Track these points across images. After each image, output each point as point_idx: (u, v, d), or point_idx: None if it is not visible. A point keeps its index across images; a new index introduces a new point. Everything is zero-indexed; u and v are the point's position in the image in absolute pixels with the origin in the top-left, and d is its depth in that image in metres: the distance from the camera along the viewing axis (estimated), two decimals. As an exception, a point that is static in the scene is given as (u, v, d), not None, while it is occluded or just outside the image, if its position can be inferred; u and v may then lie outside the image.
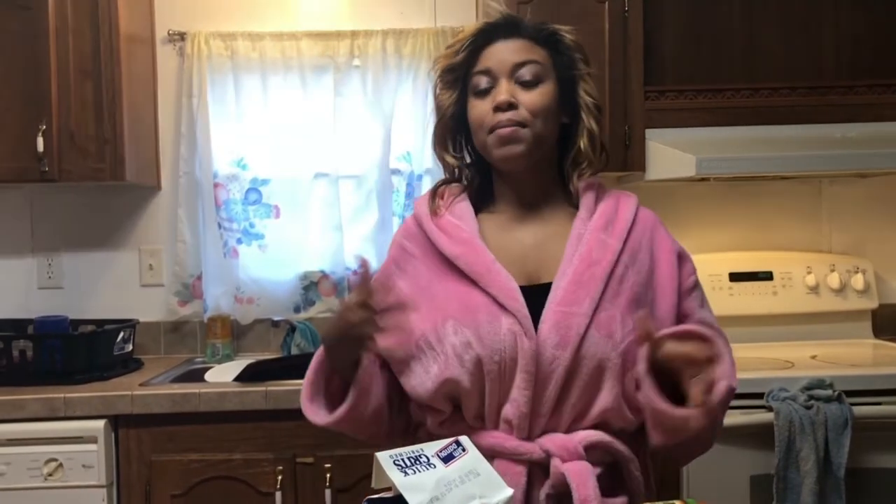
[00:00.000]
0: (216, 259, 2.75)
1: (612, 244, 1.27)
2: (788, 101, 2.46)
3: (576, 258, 1.26)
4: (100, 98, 2.46)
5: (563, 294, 1.23)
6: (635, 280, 1.26)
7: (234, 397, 2.22)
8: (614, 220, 1.30)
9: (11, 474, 2.16)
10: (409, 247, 1.36)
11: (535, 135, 1.28)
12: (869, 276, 2.68)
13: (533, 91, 1.28)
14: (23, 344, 2.40)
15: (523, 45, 1.30)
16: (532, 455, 1.20)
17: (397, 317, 1.21)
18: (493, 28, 1.32)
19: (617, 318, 1.22)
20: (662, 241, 1.34)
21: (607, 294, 1.23)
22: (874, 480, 2.10)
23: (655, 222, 1.36)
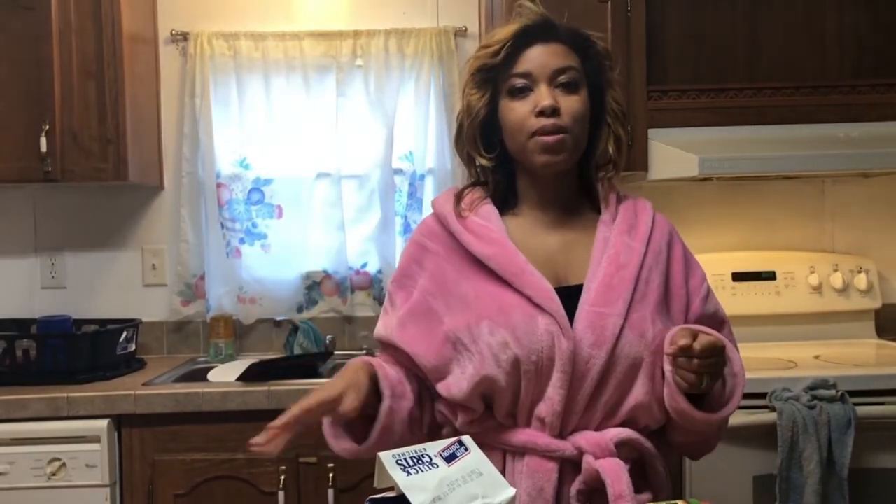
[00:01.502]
0: (219, 259, 2.75)
1: (636, 247, 1.30)
2: (791, 101, 2.46)
3: (604, 261, 1.28)
4: (103, 98, 2.47)
5: (595, 295, 1.25)
6: (659, 282, 1.30)
7: (237, 397, 2.22)
8: (636, 225, 1.33)
9: (15, 474, 2.16)
10: (430, 245, 1.36)
11: (575, 141, 1.30)
12: (872, 275, 2.68)
13: (573, 97, 1.29)
14: (26, 344, 2.40)
15: (561, 50, 1.30)
16: (564, 452, 1.23)
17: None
18: (531, 30, 1.30)
19: (648, 318, 1.25)
20: (676, 247, 1.37)
21: (636, 295, 1.26)
22: (877, 480, 2.10)
23: (672, 228, 1.39)
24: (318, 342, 2.73)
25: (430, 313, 1.31)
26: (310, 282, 2.84)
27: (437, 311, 1.30)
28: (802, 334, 2.62)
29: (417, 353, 1.29)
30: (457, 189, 1.41)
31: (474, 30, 2.80)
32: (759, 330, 2.62)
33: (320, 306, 2.84)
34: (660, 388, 1.24)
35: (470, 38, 2.81)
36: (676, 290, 1.33)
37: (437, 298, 1.31)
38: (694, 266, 1.38)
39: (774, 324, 2.63)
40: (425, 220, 1.42)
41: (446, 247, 1.34)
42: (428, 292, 1.32)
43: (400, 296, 1.37)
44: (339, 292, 2.83)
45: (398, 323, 1.33)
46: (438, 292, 1.32)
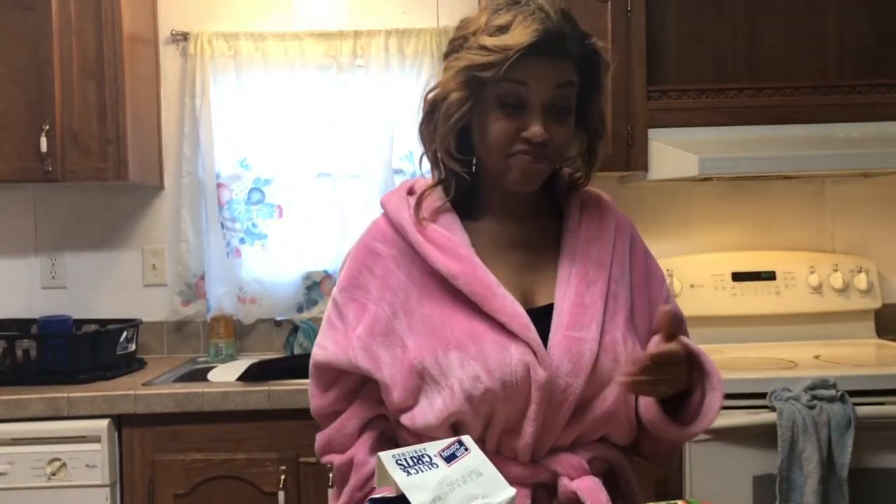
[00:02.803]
0: (219, 259, 2.75)
1: (603, 260, 1.22)
2: (791, 101, 2.46)
3: (573, 278, 1.20)
4: (103, 98, 2.47)
5: (569, 318, 1.17)
6: (626, 295, 1.23)
7: (237, 397, 2.22)
8: (601, 232, 1.25)
9: (15, 474, 2.16)
10: (382, 250, 1.24)
11: (552, 166, 1.21)
12: (872, 275, 2.68)
13: (564, 124, 1.17)
14: (26, 344, 2.41)
15: (567, 65, 1.16)
16: (538, 478, 1.16)
17: None
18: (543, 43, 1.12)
19: (619, 339, 1.19)
20: (637, 251, 1.30)
21: (608, 314, 1.19)
22: (877, 480, 2.10)
23: (632, 229, 1.31)
24: (318, 342, 2.72)
25: (391, 335, 1.19)
26: (310, 282, 2.84)
27: (398, 333, 1.19)
28: (802, 334, 2.62)
29: (389, 387, 1.18)
30: (409, 187, 1.28)
31: (474, 30, 2.79)
32: (759, 330, 2.62)
33: (320, 306, 2.84)
34: (632, 405, 1.20)
35: (470, 38, 2.81)
36: (639, 298, 1.26)
37: (398, 316, 1.20)
38: (654, 269, 1.30)
39: (774, 324, 2.63)
40: (376, 221, 1.29)
41: (403, 254, 1.22)
42: (387, 306, 1.20)
43: (352, 308, 1.23)
44: (339, 292, 2.83)
45: (361, 345, 1.20)
46: (400, 308, 1.20)
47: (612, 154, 2.34)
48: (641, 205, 2.74)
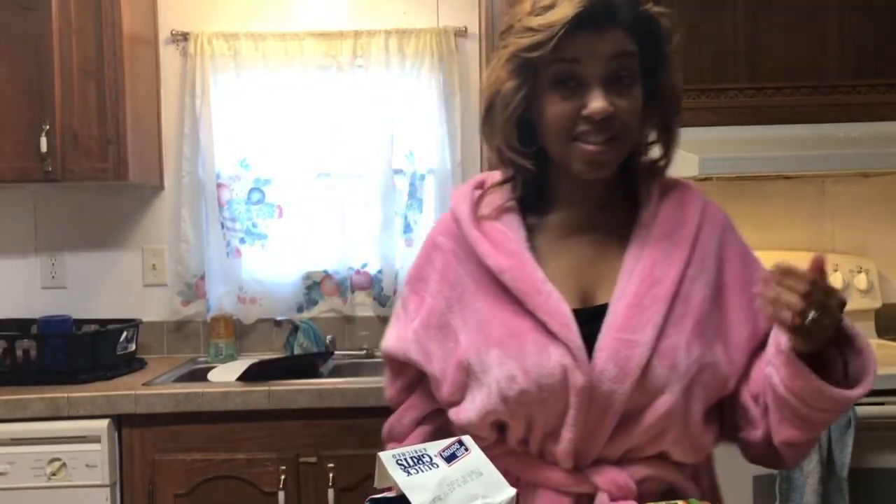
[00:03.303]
0: (219, 259, 2.75)
1: (677, 255, 1.11)
2: (791, 101, 2.46)
3: (636, 275, 1.10)
4: (103, 98, 2.47)
5: (622, 319, 1.08)
6: (703, 296, 1.11)
7: (237, 397, 2.22)
8: (680, 225, 1.13)
9: (15, 474, 2.16)
10: (443, 243, 1.21)
11: (625, 148, 1.11)
12: (872, 275, 2.67)
13: (628, 96, 1.08)
14: (26, 344, 2.41)
15: (621, 35, 1.07)
16: (579, 488, 1.09)
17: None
18: (587, 14, 1.04)
19: (682, 344, 1.07)
20: (731, 246, 1.16)
21: (672, 317, 1.08)
22: (877, 480, 2.10)
23: (725, 222, 1.18)
24: (318, 342, 2.73)
25: (446, 329, 1.17)
26: (310, 282, 2.84)
27: (453, 328, 1.16)
28: (803, 334, 2.62)
29: (439, 381, 1.17)
30: (480, 181, 1.23)
31: (474, 30, 2.80)
32: (759, 330, 2.62)
33: (320, 306, 2.85)
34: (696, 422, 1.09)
35: (470, 38, 2.81)
36: (735, 300, 1.13)
37: (453, 310, 1.17)
38: (755, 266, 1.16)
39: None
40: (443, 216, 1.26)
41: (462, 248, 1.18)
42: (443, 300, 1.18)
43: (412, 301, 1.23)
44: (339, 292, 2.83)
45: (415, 337, 1.20)
46: (456, 302, 1.17)
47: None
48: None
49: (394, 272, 2.79)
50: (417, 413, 1.26)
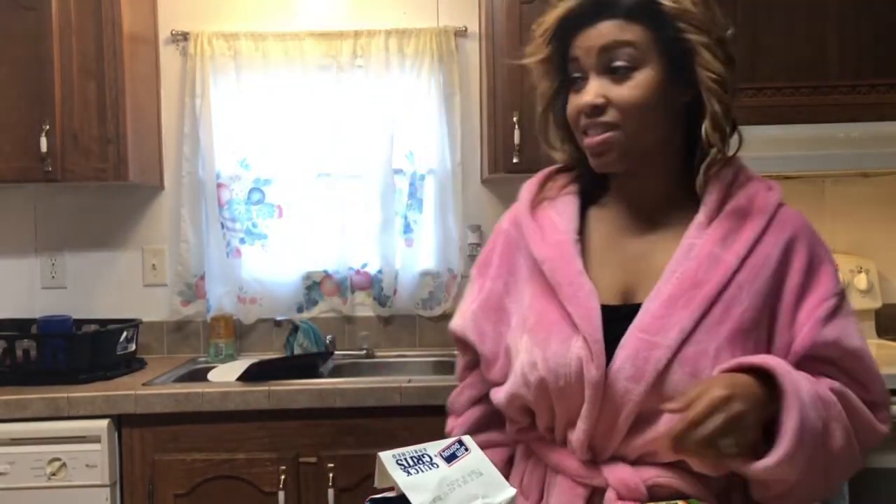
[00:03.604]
0: (219, 259, 2.75)
1: (727, 260, 1.07)
2: (791, 101, 2.46)
3: (676, 276, 1.08)
4: (103, 98, 2.47)
5: (650, 319, 1.07)
6: (750, 304, 1.06)
7: (237, 397, 2.22)
8: (740, 228, 1.10)
9: (15, 474, 2.16)
10: (506, 227, 1.26)
11: (631, 135, 1.09)
12: (872, 275, 2.68)
13: (625, 83, 1.08)
14: (26, 344, 2.40)
15: (613, 27, 1.08)
16: (592, 481, 1.10)
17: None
18: (579, 12, 1.10)
19: (710, 352, 1.04)
20: (797, 257, 1.10)
21: (707, 322, 1.05)
22: (877, 480, 2.10)
23: (799, 228, 1.12)
24: (318, 342, 2.73)
25: (500, 311, 1.21)
26: (310, 282, 2.84)
27: (508, 311, 1.20)
28: (802, 334, 2.62)
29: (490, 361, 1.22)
30: (549, 171, 1.25)
31: (474, 30, 2.80)
32: (759, 330, 2.61)
33: (320, 306, 2.85)
34: None
35: (470, 38, 2.81)
36: (784, 311, 1.08)
37: (510, 294, 1.20)
38: (818, 280, 1.09)
39: (774, 324, 2.63)
40: (513, 206, 1.28)
41: (521, 234, 1.21)
42: (502, 283, 1.22)
43: (477, 283, 1.26)
44: (339, 292, 2.83)
45: (472, 318, 1.23)
46: (513, 286, 1.20)
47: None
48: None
49: (394, 272, 2.79)
50: (474, 392, 1.30)
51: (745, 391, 0.97)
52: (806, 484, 1.02)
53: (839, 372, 1.08)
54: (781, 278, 1.09)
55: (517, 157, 2.44)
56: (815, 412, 0.99)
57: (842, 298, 1.10)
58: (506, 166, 2.48)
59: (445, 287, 2.81)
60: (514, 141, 2.44)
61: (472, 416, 1.30)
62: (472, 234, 2.82)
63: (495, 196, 2.85)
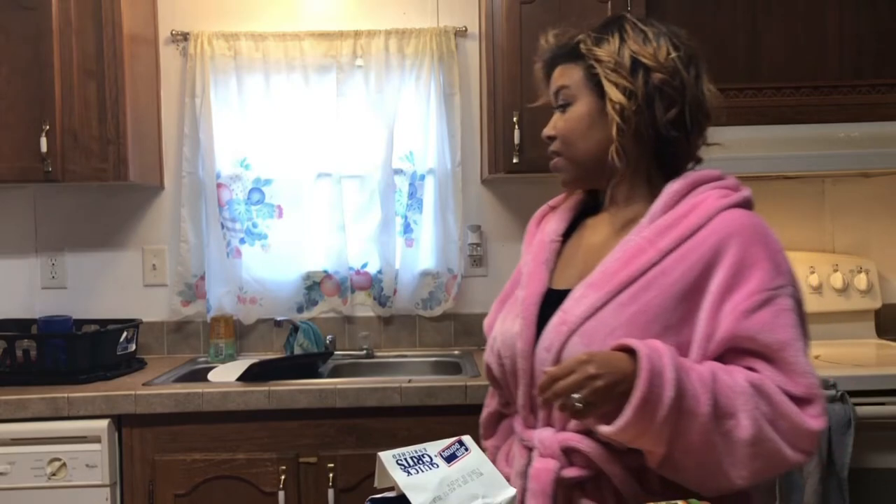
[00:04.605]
0: (219, 259, 2.75)
1: (649, 253, 1.20)
2: (791, 101, 2.46)
3: (606, 264, 1.24)
4: (103, 98, 2.47)
5: (571, 300, 1.24)
6: (661, 293, 1.18)
7: (237, 397, 2.22)
8: (673, 228, 1.22)
9: (15, 474, 2.16)
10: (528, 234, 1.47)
11: (569, 160, 1.32)
12: (872, 275, 2.68)
13: (564, 116, 1.32)
14: (26, 344, 2.41)
15: (560, 72, 1.32)
16: (528, 443, 1.27)
17: None
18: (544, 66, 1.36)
19: (607, 328, 1.18)
20: (727, 255, 1.18)
21: (614, 302, 1.19)
22: (877, 481, 2.10)
23: (735, 231, 1.19)
24: (318, 342, 2.73)
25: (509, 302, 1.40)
26: (310, 282, 2.84)
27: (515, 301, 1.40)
28: (802, 334, 2.62)
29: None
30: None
31: (474, 30, 2.80)
32: (759, 330, 2.61)
33: (320, 306, 2.85)
34: None
35: (470, 38, 2.81)
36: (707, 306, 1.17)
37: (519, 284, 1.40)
38: (749, 277, 1.17)
39: (774, 324, 2.62)
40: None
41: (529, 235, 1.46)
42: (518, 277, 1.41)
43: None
44: (339, 292, 2.83)
45: (493, 308, 1.44)
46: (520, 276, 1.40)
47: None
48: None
49: (394, 272, 2.79)
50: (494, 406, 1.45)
51: (603, 360, 1.11)
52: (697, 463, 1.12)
53: (766, 364, 1.15)
54: (709, 274, 1.18)
55: (517, 157, 2.44)
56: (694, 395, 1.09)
57: (776, 294, 1.16)
58: (506, 166, 2.48)
59: (445, 287, 2.81)
60: (514, 141, 2.44)
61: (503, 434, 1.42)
62: (472, 234, 2.82)
63: (495, 196, 2.84)
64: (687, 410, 1.09)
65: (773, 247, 1.21)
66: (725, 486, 1.14)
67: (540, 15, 2.38)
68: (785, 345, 1.14)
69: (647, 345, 1.11)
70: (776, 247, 1.21)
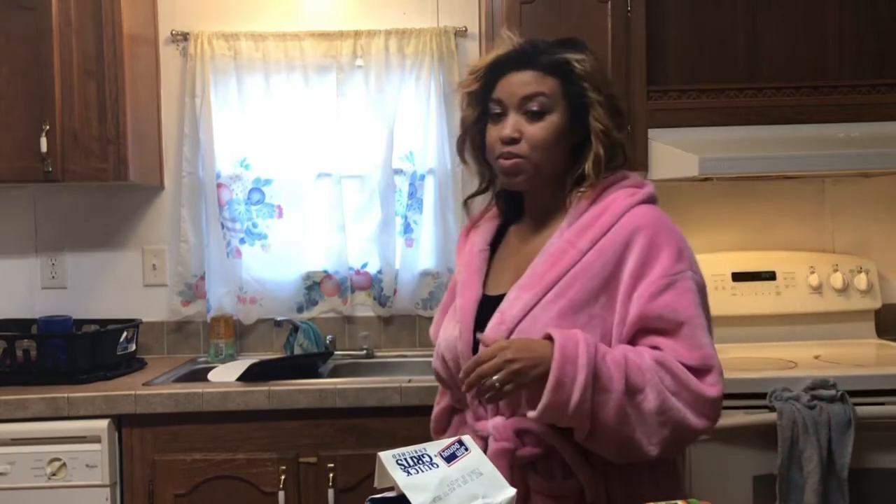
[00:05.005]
0: (219, 259, 2.75)
1: (571, 253, 1.34)
2: (791, 101, 2.46)
3: (536, 265, 1.37)
4: (103, 98, 2.47)
5: (506, 303, 1.37)
6: (582, 287, 1.32)
7: (237, 397, 2.22)
8: (589, 228, 1.36)
9: (15, 474, 2.16)
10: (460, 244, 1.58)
11: (536, 165, 1.39)
12: (872, 275, 2.67)
13: (537, 124, 1.38)
14: (26, 344, 2.41)
15: (533, 77, 1.38)
16: (481, 432, 1.37)
17: None
18: (506, 60, 1.41)
19: (540, 324, 1.31)
20: (635, 246, 1.33)
21: (544, 300, 1.33)
22: (877, 481, 2.10)
23: (642, 225, 1.35)
24: (318, 342, 2.73)
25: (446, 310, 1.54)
26: (310, 282, 2.84)
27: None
28: (802, 334, 2.62)
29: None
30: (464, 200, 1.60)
31: (474, 30, 2.80)
32: (759, 330, 2.62)
33: (320, 306, 2.85)
34: None
35: (470, 38, 2.81)
36: (622, 292, 1.32)
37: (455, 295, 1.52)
38: (655, 263, 1.32)
39: (774, 324, 2.63)
40: None
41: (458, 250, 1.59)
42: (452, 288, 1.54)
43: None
44: (339, 292, 2.83)
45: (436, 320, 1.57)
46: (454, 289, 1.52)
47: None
48: (641, 205, 2.73)
49: (394, 272, 2.79)
50: (446, 402, 1.55)
51: (521, 346, 1.25)
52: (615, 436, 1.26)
53: (669, 340, 1.29)
54: (622, 264, 1.33)
55: (517, 157, 2.44)
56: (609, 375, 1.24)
57: (678, 278, 1.31)
58: (506, 166, 2.47)
59: (445, 287, 2.81)
60: (514, 141, 2.44)
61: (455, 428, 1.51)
62: (472, 234, 2.82)
63: (495, 196, 2.84)
64: (602, 389, 1.24)
65: (675, 237, 1.35)
66: (637, 456, 1.28)
67: (540, 15, 2.38)
68: (685, 322, 1.29)
69: (564, 333, 1.25)
70: (678, 237, 1.36)
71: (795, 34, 2.55)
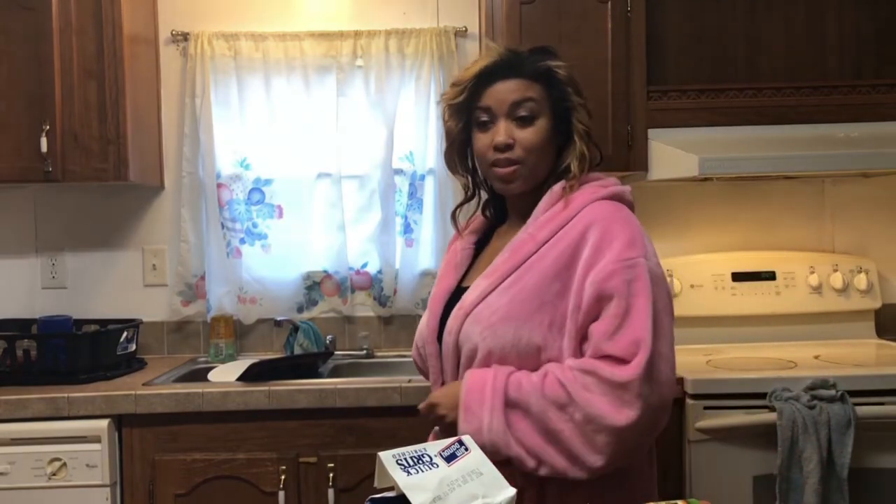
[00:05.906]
0: (219, 259, 2.75)
1: (529, 244, 1.42)
2: (791, 101, 2.46)
3: (500, 256, 1.45)
4: (103, 98, 2.47)
5: (469, 292, 1.46)
6: (537, 274, 1.38)
7: (238, 397, 2.22)
8: (550, 222, 1.42)
9: (15, 474, 2.16)
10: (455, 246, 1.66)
11: (531, 169, 1.46)
12: (872, 275, 2.68)
13: (528, 129, 1.44)
14: (27, 344, 2.41)
15: (520, 85, 1.45)
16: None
17: None
18: (492, 69, 1.46)
19: (492, 308, 1.39)
20: (589, 239, 1.38)
21: (500, 287, 1.40)
22: (877, 481, 2.10)
23: (598, 218, 1.39)
24: (318, 342, 2.73)
25: None
26: (310, 282, 2.84)
27: None
28: (802, 334, 2.62)
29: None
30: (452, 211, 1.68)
31: (474, 30, 2.80)
32: (759, 330, 2.62)
33: (321, 306, 2.85)
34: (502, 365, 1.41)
35: (470, 38, 2.81)
36: (578, 280, 1.36)
37: None
38: (607, 252, 1.36)
39: (774, 324, 2.63)
40: None
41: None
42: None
43: None
44: (339, 292, 2.83)
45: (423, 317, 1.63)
46: None
47: (611, 154, 2.34)
48: (641, 205, 2.67)
49: (394, 272, 2.79)
50: None
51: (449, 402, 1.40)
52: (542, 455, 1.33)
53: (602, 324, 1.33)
54: (577, 254, 1.38)
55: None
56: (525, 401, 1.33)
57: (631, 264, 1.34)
58: (506, 166, 2.47)
59: (445, 287, 2.81)
60: (514, 141, 2.44)
61: None
62: (472, 234, 2.82)
63: (495, 196, 2.84)
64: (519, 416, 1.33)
65: (630, 228, 1.39)
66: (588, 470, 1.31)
67: (540, 15, 2.38)
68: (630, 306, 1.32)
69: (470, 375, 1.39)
70: (633, 228, 1.39)
71: (795, 34, 2.55)
